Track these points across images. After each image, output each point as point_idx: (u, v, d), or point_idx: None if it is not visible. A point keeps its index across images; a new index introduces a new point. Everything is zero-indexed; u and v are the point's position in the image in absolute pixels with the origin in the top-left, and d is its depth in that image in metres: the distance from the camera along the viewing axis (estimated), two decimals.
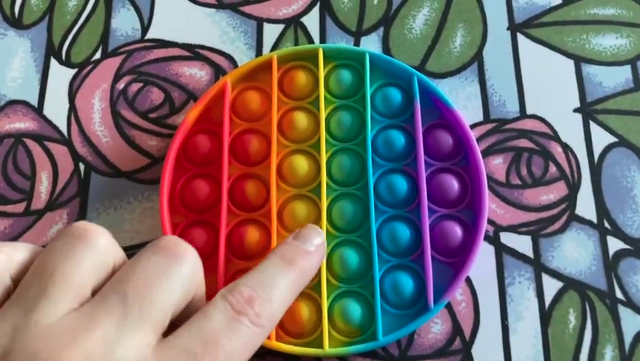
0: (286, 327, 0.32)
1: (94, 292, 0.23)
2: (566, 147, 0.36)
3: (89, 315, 0.22)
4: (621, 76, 0.38)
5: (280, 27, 0.39)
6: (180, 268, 0.23)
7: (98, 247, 0.23)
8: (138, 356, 0.21)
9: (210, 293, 0.26)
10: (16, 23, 0.40)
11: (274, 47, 0.39)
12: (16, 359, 0.20)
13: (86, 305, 0.22)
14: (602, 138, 0.37)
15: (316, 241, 0.29)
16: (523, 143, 0.36)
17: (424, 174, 0.33)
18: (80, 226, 0.24)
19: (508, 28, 0.39)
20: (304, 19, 0.40)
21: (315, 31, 0.39)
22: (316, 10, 0.40)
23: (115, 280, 0.23)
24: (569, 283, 0.34)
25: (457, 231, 0.33)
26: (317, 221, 0.33)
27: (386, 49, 0.39)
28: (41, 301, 0.21)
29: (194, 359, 0.22)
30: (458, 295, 0.34)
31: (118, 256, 0.24)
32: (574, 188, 0.36)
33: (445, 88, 0.38)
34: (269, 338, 0.31)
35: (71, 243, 0.23)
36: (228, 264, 0.33)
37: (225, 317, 0.23)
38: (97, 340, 0.21)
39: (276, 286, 0.26)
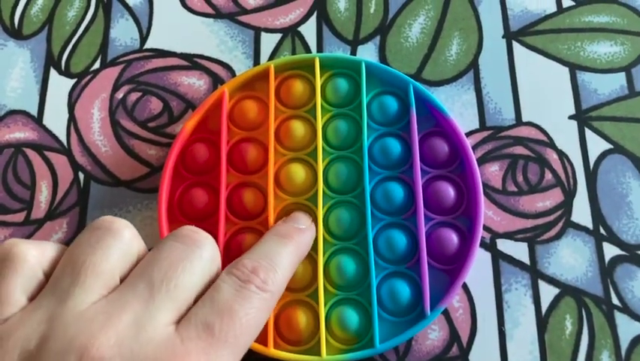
0: (284, 335, 0.32)
1: (121, 280, 0.24)
2: (561, 154, 0.37)
3: (119, 300, 0.23)
4: (616, 83, 0.38)
5: (278, 36, 0.40)
6: (201, 253, 0.25)
7: (123, 238, 0.25)
8: (163, 334, 0.23)
9: None
10: (16, 34, 0.40)
11: (272, 56, 0.39)
12: (54, 344, 0.22)
13: (116, 291, 0.24)
14: (597, 145, 0.37)
15: (306, 222, 0.32)
16: (519, 150, 0.37)
17: (420, 182, 0.34)
18: (107, 219, 0.25)
19: (503, 36, 0.40)
20: (301, 29, 0.40)
21: (312, 41, 0.40)
22: (313, 19, 0.40)
23: (141, 267, 0.24)
24: (566, 290, 0.34)
25: (453, 238, 0.33)
26: None
27: (382, 57, 0.39)
28: (74, 290, 0.23)
29: (212, 329, 0.23)
30: (455, 301, 0.34)
31: (141, 247, 0.26)
32: (570, 195, 0.36)
33: (441, 96, 0.38)
34: (266, 345, 0.31)
35: (99, 235, 0.25)
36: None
37: (234, 287, 0.25)
38: (127, 321, 0.22)
39: (277, 256, 0.28)
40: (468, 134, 0.37)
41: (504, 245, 0.35)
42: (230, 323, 0.24)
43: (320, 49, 0.39)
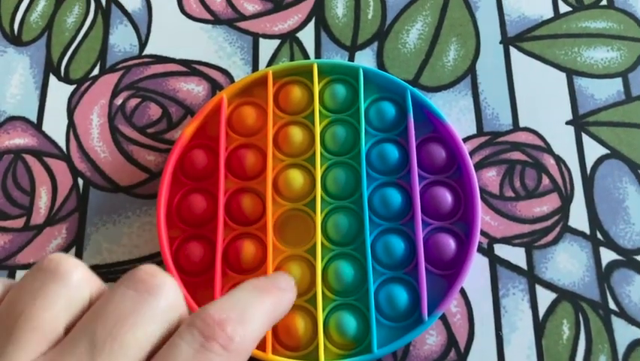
0: (282, 340, 0.32)
1: (67, 330, 0.21)
2: (558, 159, 0.37)
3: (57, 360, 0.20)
4: (613, 88, 0.38)
5: (276, 42, 0.40)
6: (156, 303, 0.22)
7: (71, 283, 0.22)
8: None
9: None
10: (16, 40, 0.41)
11: (270, 63, 0.39)
12: None
13: (55, 349, 0.21)
14: (594, 150, 0.37)
15: (288, 284, 0.27)
16: (516, 155, 0.37)
17: (417, 187, 0.34)
18: (54, 259, 0.22)
19: (500, 42, 0.40)
20: (300, 35, 0.40)
21: (310, 47, 0.40)
22: (311, 25, 0.40)
23: (86, 320, 0.21)
24: (563, 294, 0.34)
25: (450, 243, 0.33)
26: (312, 235, 0.34)
27: (380, 63, 0.39)
28: (8, 348, 0.20)
29: None
30: (453, 306, 0.34)
31: (94, 288, 0.23)
32: (567, 200, 0.36)
33: (438, 101, 0.38)
34: (264, 351, 0.31)
35: (42, 279, 0.22)
36: (225, 278, 0.33)
37: (193, 346, 0.21)
38: None
39: (250, 308, 0.23)
40: (465, 139, 0.37)
41: (501, 250, 0.35)
42: None
43: (318, 55, 0.39)
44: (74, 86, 0.39)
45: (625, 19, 0.40)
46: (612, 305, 0.34)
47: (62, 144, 0.38)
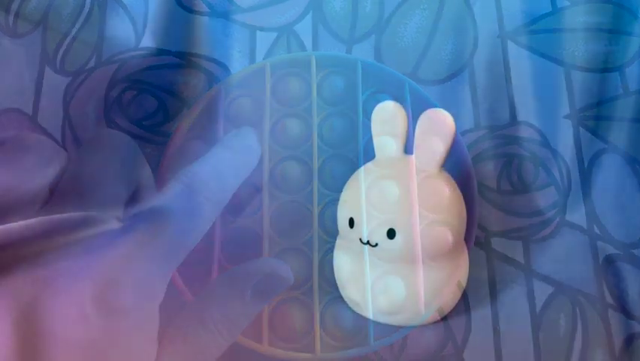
0: (278, 332, 0.32)
1: None
2: (556, 153, 0.37)
3: None
4: (610, 83, 0.38)
5: (273, 35, 0.40)
6: None
7: None
8: None
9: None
10: (11, 32, 0.40)
11: (267, 55, 0.39)
12: None
13: None
14: (591, 144, 0.37)
15: None
16: (514, 149, 0.37)
17: (415, 180, 0.34)
18: None
19: (498, 36, 0.40)
20: (297, 28, 0.40)
21: (307, 40, 0.40)
22: (309, 18, 0.40)
23: None
24: (560, 288, 0.34)
25: (447, 236, 0.33)
26: (309, 226, 0.33)
27: (378, 56, 0.39)
28: None
29: None
30: (450, 300, 0.34)
31: None
32: (564, 194, 0.36)
33: (436, 95, 0.38)
34: (260, 342, 0.31)
35: None
36: (221, 270, 0.33)
37: None
38: None
39: None
40: (463, 133, 0.37)
41: (498, 244, 0.35)
42: None
43: (315, 48, 0.39)
44: (70, 78, 0.39)
45: (623, 14, 0.40)
46: (609, 299, 0.34)
47: (58, 136, 0.38)
